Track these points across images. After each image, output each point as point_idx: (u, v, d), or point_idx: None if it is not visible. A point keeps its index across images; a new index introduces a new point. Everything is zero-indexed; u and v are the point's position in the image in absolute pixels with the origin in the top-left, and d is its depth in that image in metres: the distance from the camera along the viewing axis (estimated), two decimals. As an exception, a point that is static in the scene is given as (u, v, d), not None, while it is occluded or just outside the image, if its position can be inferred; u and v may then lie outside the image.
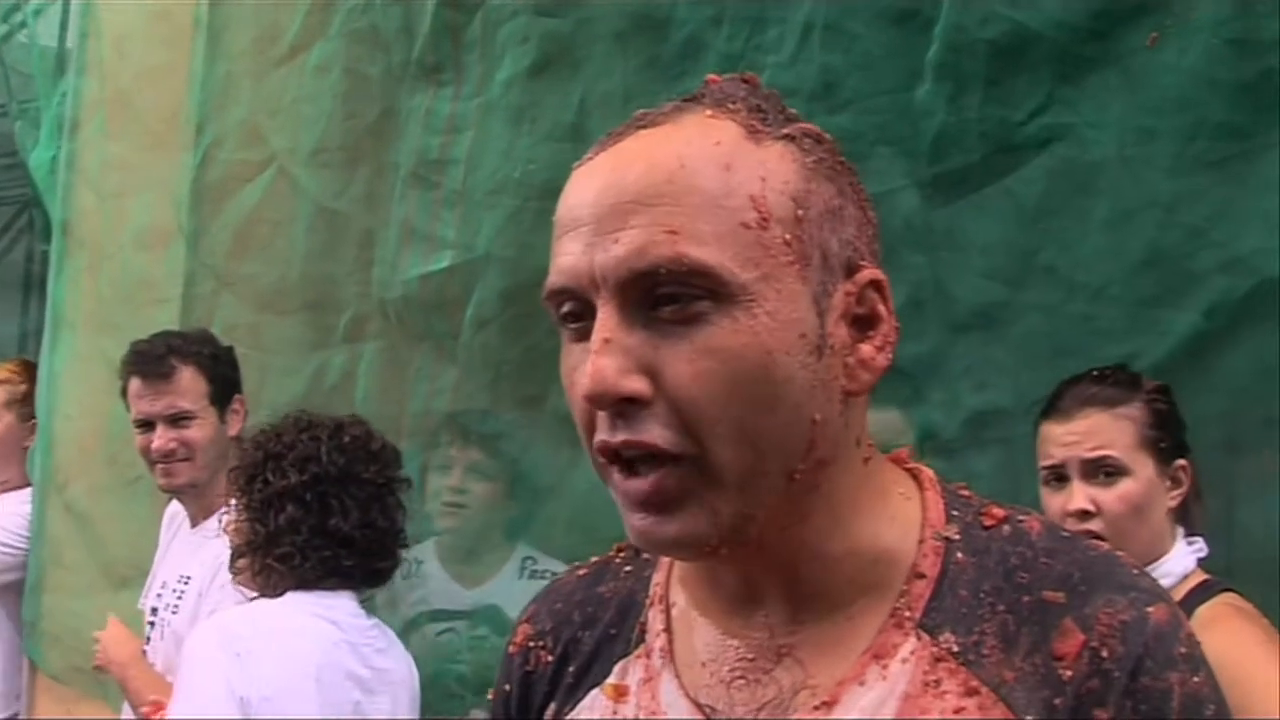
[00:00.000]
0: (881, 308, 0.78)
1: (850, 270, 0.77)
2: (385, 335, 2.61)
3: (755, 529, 0.75)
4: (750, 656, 0.80)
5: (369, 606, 1.99)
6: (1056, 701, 0.74)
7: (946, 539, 0.80)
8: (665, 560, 0.89)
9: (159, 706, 2.08)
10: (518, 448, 2.46)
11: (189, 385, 2.28)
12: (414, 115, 2.51)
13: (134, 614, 2.41)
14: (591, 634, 0.89)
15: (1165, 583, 1.63)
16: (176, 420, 2.27)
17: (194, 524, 2.36)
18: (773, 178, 0.74)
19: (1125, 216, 2.00)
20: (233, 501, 1.97)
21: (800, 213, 0.74)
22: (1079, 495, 1.68)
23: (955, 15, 2.12)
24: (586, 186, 0.75)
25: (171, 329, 2.46)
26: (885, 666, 0.77)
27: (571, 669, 0.89)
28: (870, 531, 0.79)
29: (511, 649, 0.94)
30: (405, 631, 2.32)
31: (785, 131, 0.76)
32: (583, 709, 0.87)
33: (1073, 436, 1.71)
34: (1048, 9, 2.07)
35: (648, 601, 0.87)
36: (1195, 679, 0.75)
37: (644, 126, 0.76)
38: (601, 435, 0.73)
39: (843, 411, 0.76)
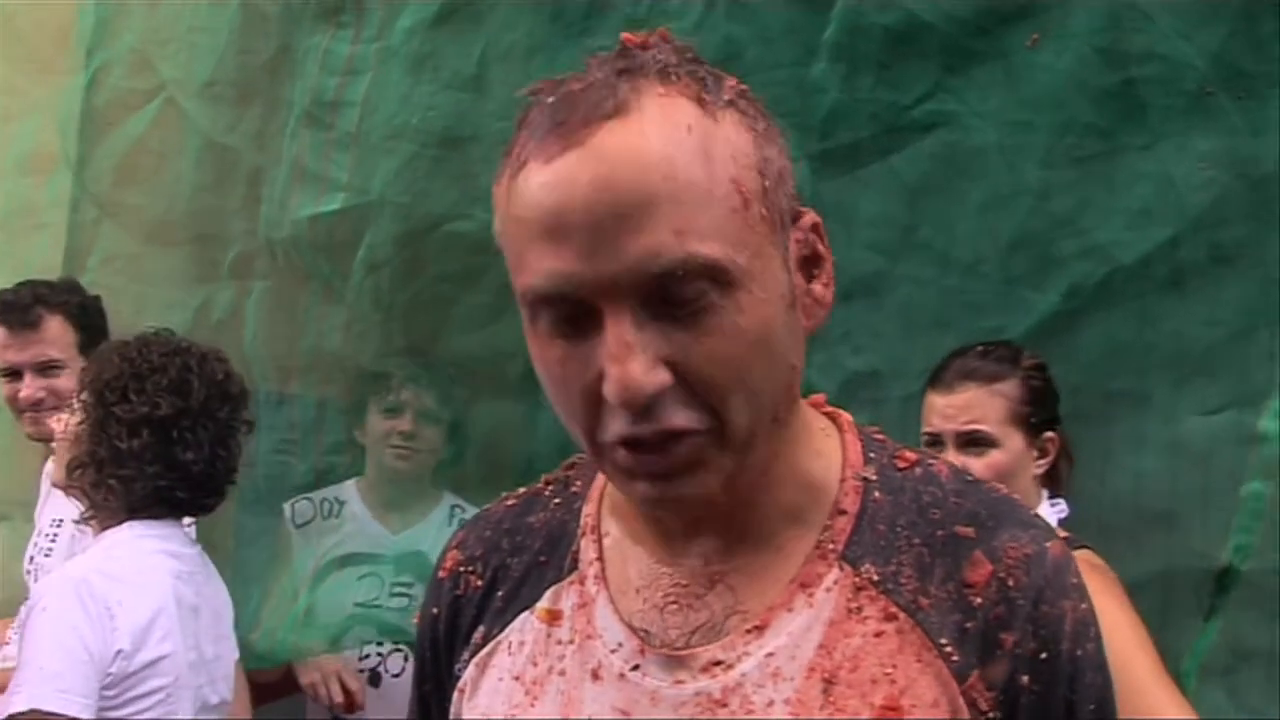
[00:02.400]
0: (821, 246, 0.83)
1: (795, 218, 0.81)
2: (273, 274, 2.57)
3: (748, 475, 0.80)
4: (684, 583, 0.84)
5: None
6: (968, 625, 0.80)
7: (865, 479, 0.85)
8: (596, 492, 0.92)
9: None
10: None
11: (57, 334, 2.28)
12: (311, 55, 2.45)
13: (9, 549, 2.34)
14: (520, 561, 0.91)
15: None
16: (45, 369, 2.28)
17: None
18: (740, 155, 0.76)
19: (999, 201, 2.17)
20: (75, 403, 1.92)
21: (766, 184, 0.77)
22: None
23: (853, -1, 2.24)
24: (568, 188, 0.73)
25: (38, 278, 2.39)
26: (811, 594, 0.82)
27: (500, 594, 0.91)
28: (802, 463, 0.84)
29: (440, 574, 0.96)
30: (322, 572, 2.33)
31: (726, 97, 0.78)
32: (513, 631, 0.89)
33: (951, 409, 1.88)
34: (940, 2, 2.21)
35: (579, 531, 0.90)
36: (1084, 606, 0.84)
37: (607, 116, 0.74)
38: (625, 429, 0.75)
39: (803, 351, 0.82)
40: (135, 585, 1.82)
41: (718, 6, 2.39)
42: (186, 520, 2.01)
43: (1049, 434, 1.90)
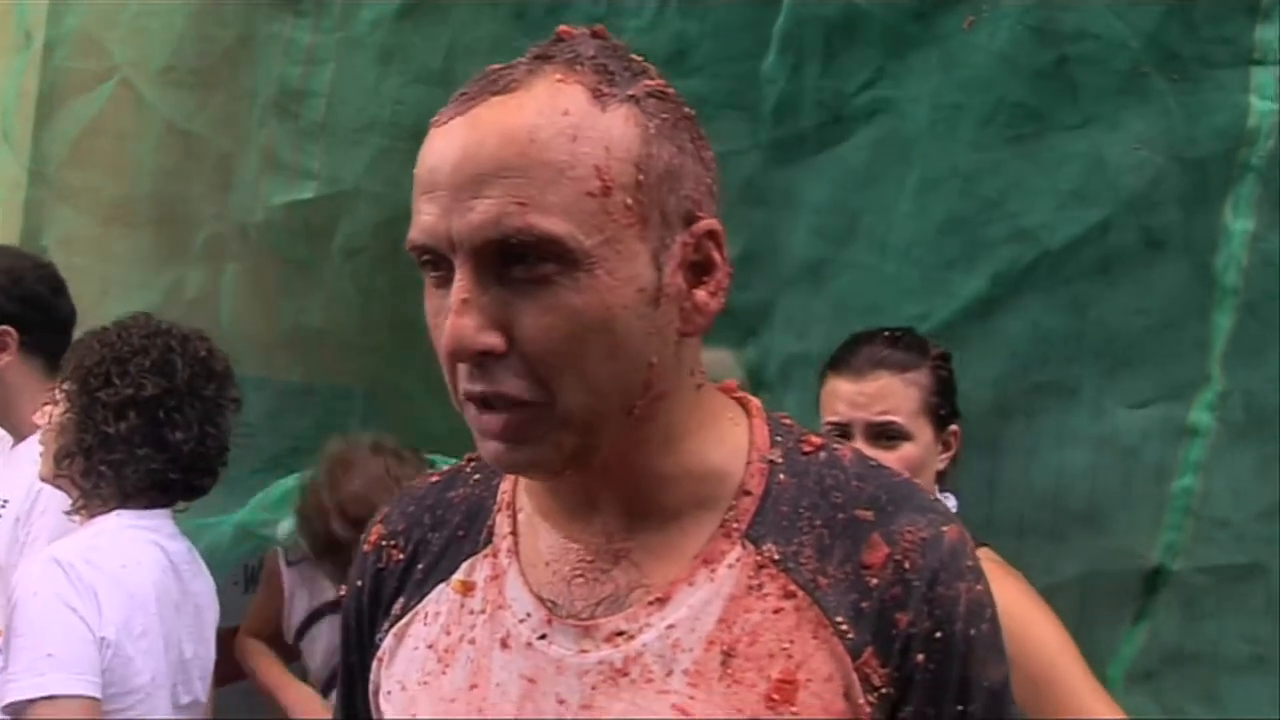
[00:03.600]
0: (716, 255, 0.84)
1: (688, 221, 0.82)
2: (246, 256, 2.66)
3: (597, 457, 0.82)
4: (589, 558, 0.86)
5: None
6: (864, 605, 0.83)
7: (771, 461, 0.88)
8: None
9: None
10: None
11: None
12: (272, 43, 2.52)
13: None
14: (440, 535, 0.95)
15: None
16: None
17: (12, 446, 2.28)
18: (615, 146, 0.79)
19: (932, 185, 2.13)
20: (58, 394, 1.89)
21: (641, 177, 0.79)
22: None
23: (800, -9, 2.24)
24: (445, 150, 0.79)
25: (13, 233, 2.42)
26: (714, 570, 0.84)
27: (420, 566, 0.95)
28: (700, 452, 0.86)
29: (366, 547, 1.00)
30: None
31: (630, 93, 0.80)
32: (429, 602, 0.93)
33: (863, 397, 1.76)
34: (881, -12, 2.20)
35: (495, 507, 0.94)
36: (978, 587, 0.85)
37: (497, 92, 0.79)
38: (464, 384, 0.80)
39: (677, 351, 0.83)
40: (117, 577, 1.77)
41: (670, 4, 2.42)
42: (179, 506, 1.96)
43: (953, 427, 1.82)
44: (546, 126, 0.77)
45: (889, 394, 1.76)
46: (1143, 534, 1.94)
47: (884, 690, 0.82)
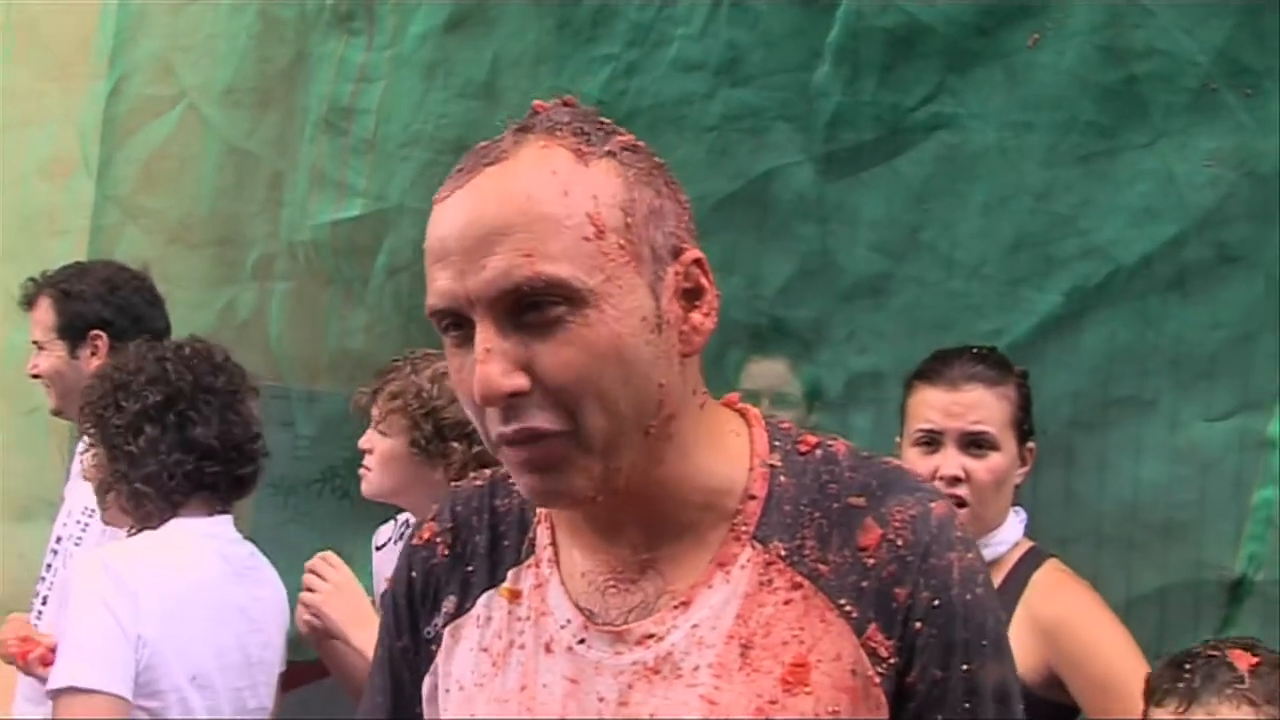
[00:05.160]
0: (704, 280, 0.92)
1: (676, 254, 0.90)
2: (294, 275, 2.64)
3: (622, 478, 0.88)
4: (619, 570, 0.94)
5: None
6: (864, 584, 0.90)
7: (771, 466, 0.95)
8: None
9: (27, 642, 2.02)
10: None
11: (41, 316, 2.37)
12: (325, 61, 2.53)
13: (35, 545, 2.41)
14: (485, 539, 1.02)
15: (1000, 549, 1.77)
16: (38, 348, 2.38)
17: None
18: (602, 194, 0.87)
19: (1000, 202, 2.16)
20: (86, 439, 1.94)
21: (629, 220, 0.87)
22: (953, 462, 1.76)
23: (855, 2, 2.24)
24: (452, 221, 0.86)
25: (85, 260, 2.47)
26: (728, 572, 0.92)
27: (470, 568, 1.01)
28: (708, 465, 0.93)
29: (417, 541, 1.06)
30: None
31: (607, 149, 0.89)
32: (480, 605, 1.00)
33: (958, 407, 1.77)
34: (940, 4, 2.20)
35: (535, 520, 1.00)
36: (969, 555, 0.92)
37: (490, 163, 0.87)
38: (497, 428, 0.87)
39: (681, 371, 0.90)
40: (162, 578, 1.80)
41: (721, 11, 2.41)
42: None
43: (1030, 444, 1.85)
44: (539, 186, 0.86)
45: (982, 405, 1.79)
46: (1224, 546, 1.97)
47: (891, 660, 0.89)
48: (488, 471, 1.06)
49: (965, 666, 0.90)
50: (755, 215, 2.33)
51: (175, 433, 1.87)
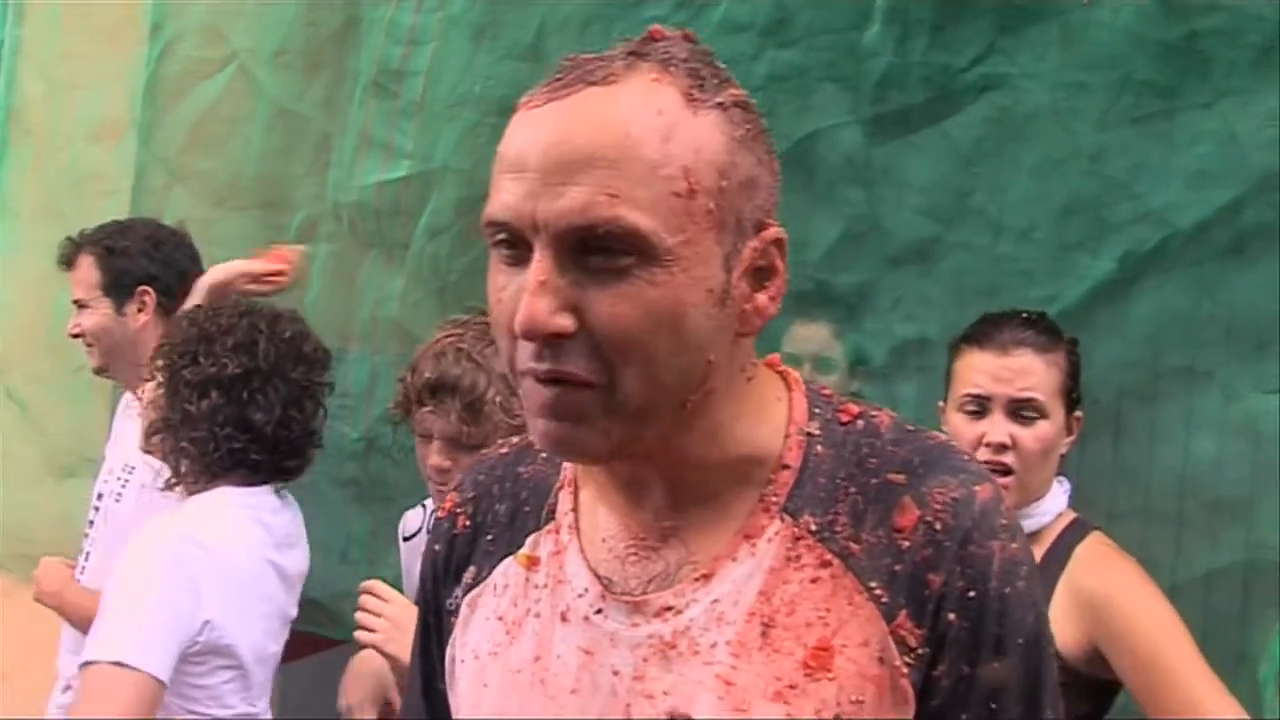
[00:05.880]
0: (779, 262, 0.87)
1: (759, 229, 0.85)
2: (336, 238, 2.66)
3: (641, 446, 0.84)
4: (641, 536, 0.90)
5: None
6: (896, 568, 0.85)
7: (808, 434, 0.90)
8: None
9: None
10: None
11: (83, 275, 2.38)
12: (376, 25, 2.53)
13: (78, 503, 2.45)
14: (507, 508, 0.99)
15: (1044, 520, 1.75)
16: (80, 307, 2.39)
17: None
18: (704, 150, 0.81)
19: (1052, 165, 2.10)
20: (153, 370, 1.92)
21: (724, 184, 0.82)
22: (1000, 429, 1.73)
23: (905, -39, 2.19)
24: (536, 133, 0.80)
25: (123, 218, 2.49)
26: (754, 545, 0.87)
27: (489, 537, 0.99)
28: (746, 437, 0.89)
29: (440, 513, 1.04)
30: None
31: (719, 100, 0.83)
32: (498, 574, 0.97)
33: (1007, 373, 1.74)
34: (993, -39, 2.14)
35: (558, 485, 0.97)
36: (1013, 545, 0.86)
37: (594, 83, 0.80)
38: (528, 361, 0.82)
39: (732, 350, 0.85)
40: (218, 559, 1.80)
41: (771, -30, 2.36)
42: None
43: (1078, 413, 1.80)
44: (642, 123, 0.80)
45: (1032, 371, 1.75)
46: (1277, 525, 1.91)
47: (919, 650, 0.84)
48: (515, 439, 1.04)
49: (995, 664, 0.85)
50: (801, 178, 2.28)
51: (237, 408, 1.85)
